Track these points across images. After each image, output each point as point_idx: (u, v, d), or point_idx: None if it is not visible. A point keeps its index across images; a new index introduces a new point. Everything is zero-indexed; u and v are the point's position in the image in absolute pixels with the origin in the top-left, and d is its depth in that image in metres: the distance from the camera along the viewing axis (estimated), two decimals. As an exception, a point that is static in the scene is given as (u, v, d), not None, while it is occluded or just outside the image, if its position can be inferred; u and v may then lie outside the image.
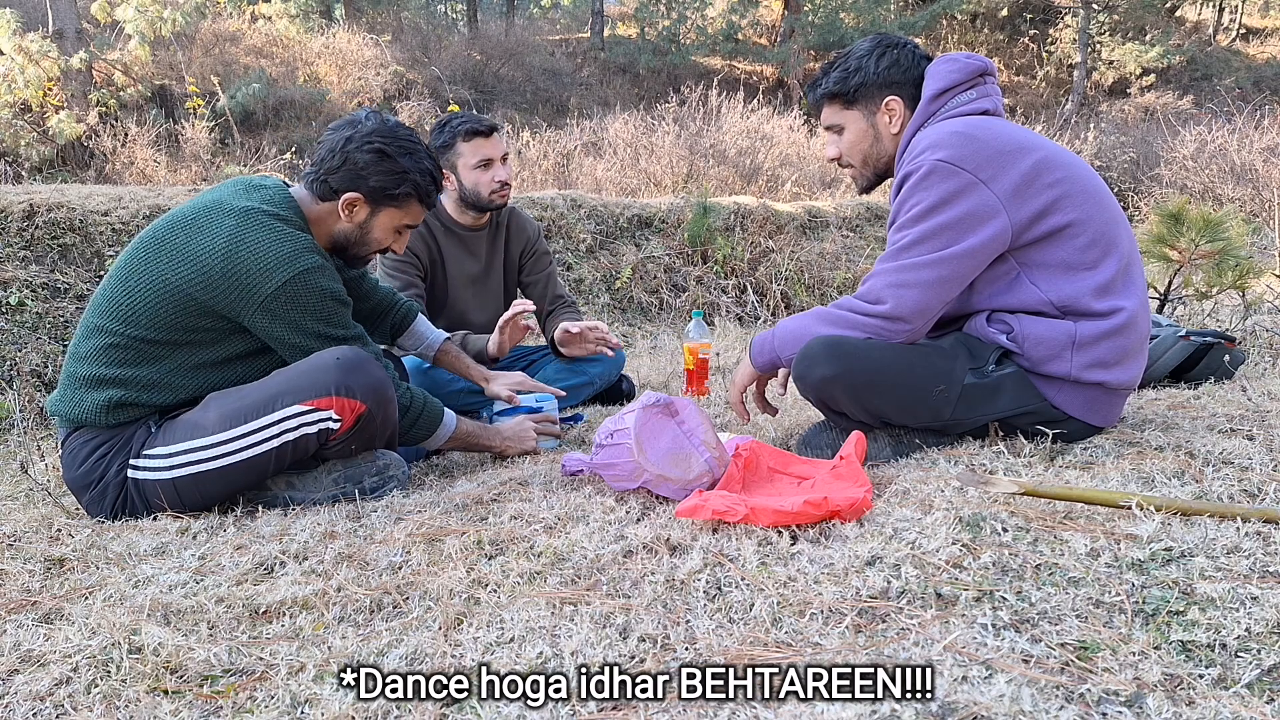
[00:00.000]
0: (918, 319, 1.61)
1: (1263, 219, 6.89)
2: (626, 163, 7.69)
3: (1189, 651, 0.87)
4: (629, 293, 5.23)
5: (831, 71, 1.80)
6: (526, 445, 2.08)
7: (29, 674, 1.01)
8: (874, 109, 1.77)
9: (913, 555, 1.14)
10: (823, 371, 1.63)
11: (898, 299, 1.60)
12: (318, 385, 1.65)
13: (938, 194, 1.57)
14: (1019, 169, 1.57)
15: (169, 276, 1.65)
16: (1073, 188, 1.60)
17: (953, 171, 1.56)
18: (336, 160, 1.77)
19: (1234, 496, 1.31)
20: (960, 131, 1.60)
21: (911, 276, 1.59)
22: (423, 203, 1.86)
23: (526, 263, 2.79)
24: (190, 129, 8.45)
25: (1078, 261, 1.59)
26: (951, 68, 1.71)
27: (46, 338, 3.47)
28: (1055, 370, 1.61)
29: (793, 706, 0.83)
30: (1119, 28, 16.76)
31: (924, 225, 1.58)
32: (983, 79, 1.72)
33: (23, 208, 3.82)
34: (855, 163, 1.83)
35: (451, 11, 21.05)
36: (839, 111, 1.81)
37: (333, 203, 1.80)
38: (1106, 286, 1.59)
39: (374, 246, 1.89)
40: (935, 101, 1.71)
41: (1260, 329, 2.95)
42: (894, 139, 1.78)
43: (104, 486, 1.68)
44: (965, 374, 1.63)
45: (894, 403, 1.64)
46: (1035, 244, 1.60)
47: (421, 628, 1.08)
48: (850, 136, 1.81)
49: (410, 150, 1.80)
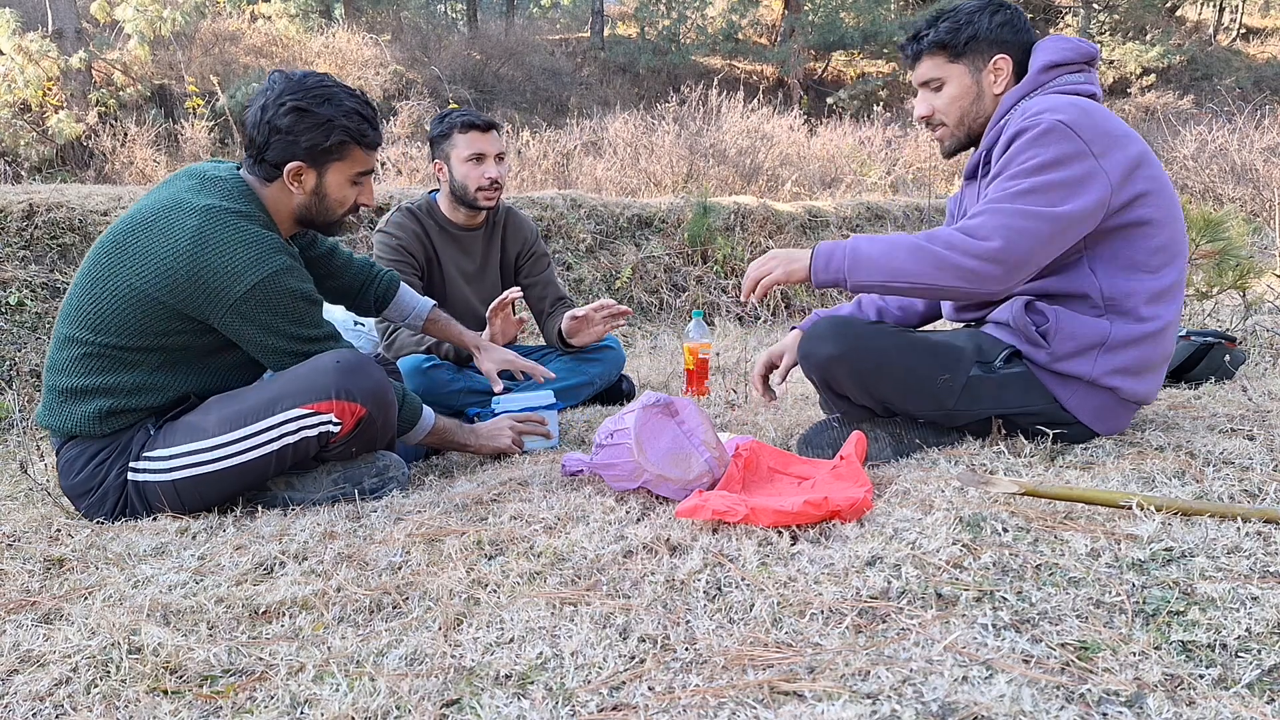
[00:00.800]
0: (1021, 269, 1.54)
1: (1263, 219, 6.89)
2: (626, 162, 7.69)
3: (1189, 651, 0.87)
4: (629, 293, 5.23)
5: (941, 22, 1.73)
6: (500, 444, 2.02)
7: (29, 674, 1.01)
8: (981, 65, 1.71)
9: (913, 555, 1.14)
10: (829, 350, 1.61)
11: (1009, 240, 1.51)
12: (318, 388, 1.65)
13: (1055, 152, 1.53)
14: (1127, 154, 1.56)
15: (134, 282, 1.61)
16: (1162, 188, 1.59)
17: (1070, 135, 1.53)
18: (262, 135, 1.71)
19: (1234, 496, 1.31)
20: (1077, 103, 1.57)
21: (1027, 224, 1.51)
22: (360, 144, 1.77)
23: (524, 264, 2.79)
24: (190, 129, 8.45)
25: (1143, 262, 1.58)
26: (1065, 45, 1.68)
27: (46, 338, 3.46)
28: (1076, 369, 1.59)
29: (793, 706, 0.83)
30: (1119, 27, 16.76)
31: (1040, 178, 1.53)
32: (1090, 65, 1.70)
33: (22, 208, 3.82)
34: (950, 121, 1.76)
35: (451, 11, 21.04)
36: (944, 64, 1.73)
37: (280, 180, 1.75)
38: (1160, 294, 1.59)
39: (338, 208, 1.82)
40: (1046, 73, 1.67)
41: (1261, 329, 2.95)
42: (994, 100, 1.72)
43: (104, 492, 1.67)
44: (972, 366, 1.63)
45: (898, 388, 1.63)
46: (1113, 232, 1.58)
47: (421, 628, 1.08)
48: (952, 91, 1.74)
49: (327, 97, 1.72)
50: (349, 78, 11.33)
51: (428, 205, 2.62)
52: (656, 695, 0.87)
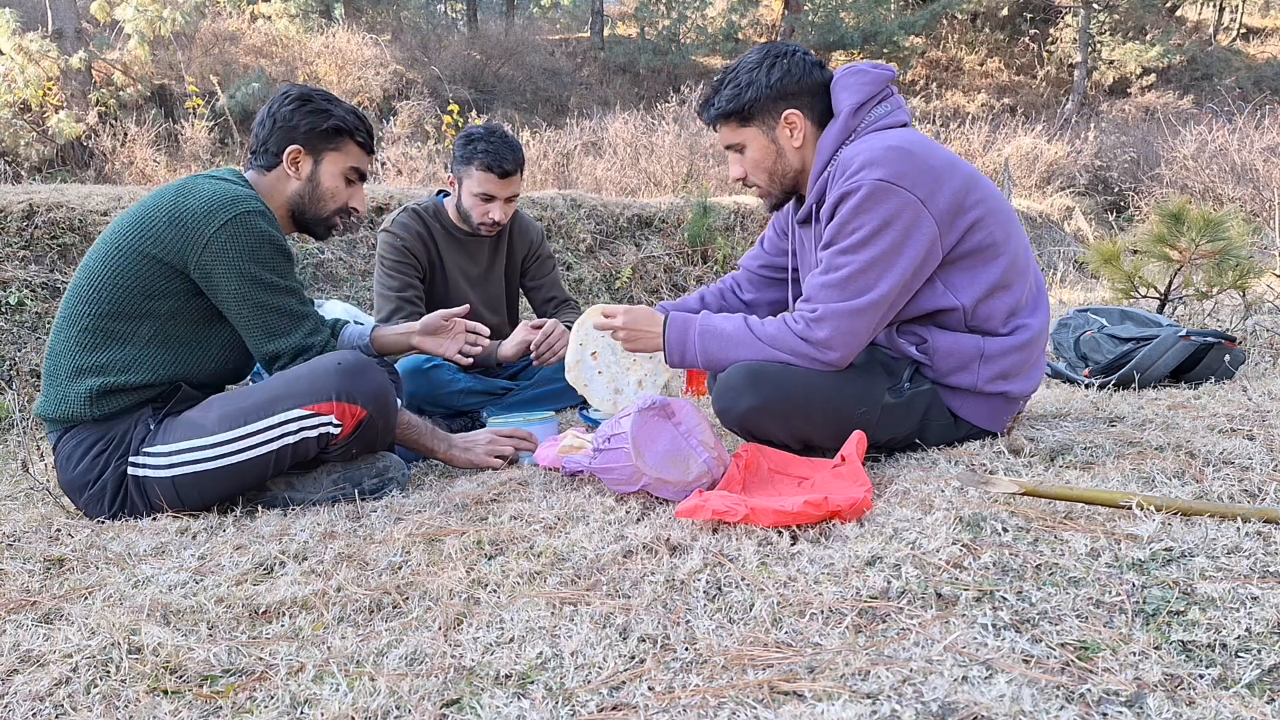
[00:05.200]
0: (850, 359, 1.62)
1: (1263, 219, 6.89)
2: (626, 162, 7.69)
3: (1189, 651, 0.87)
4: (629, 293, 5.23)
5: (723, 89, 1.71)
6: (473, 458, 1.97)
7: (28, 674, 1.01)
8: (773, 124, 1.70)
9: (913, 555, 1.14)
10: (748, 402, 1.60)
11: (848, 345, 1.58)
12: (319, 390, 1.65)
13: (879, 217, 1.53)
14: (951, 187, 1.56)
15: (120, 242, 1.70)
16: (994, 206, 1.61)
17: (892, 190, 1.52)
18: (267, 127, 1.85)
19: (1234, 496, 1.31)
20: (895, 146, 1.55)
21: (859, 322, 1.57)
22: (355, 139, 1.89)
23: (530, 267, 2.79)
24: (190, 129, 8.45)
25: (997, 281, 1.62)
26: (864, 79, 1.66)
27: (46, 337, 3.46)
28: (961, 382, 1.65)
29: (793, 706, 0.83)
30: (1119, 27, 16.76)
31: (868, 253, 1.54)
32: (889, 88, 1.70)
33: (22, 207, 3.82)
34: (761, 182, 1.76)
35: (451, 11, 21.04)
36: (736, 130, 1.72)
37: (279, 167, 1.85)
38: (1017, 309, 1.64)
39: (329, 201, 1.89)
40: (855, 116, 1.65)
41: (1261, 329, 2.95)
42: (798, 152, 1.71)
43: (102, 485, 1.67)
44: (884, 393, 1.65)
45: (820, 427, 1.64)
46: (958, 262, 1.61)
47: (421, 628, 1.08)
48: (753, 154, 1.73)
49: (330, 97, 1.89)
50: (349, 77, 11.34)
51: (434, 208, 2.61)
52: (656, 695, 0.87)
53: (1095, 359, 2.51)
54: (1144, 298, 3.25)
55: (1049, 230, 8.09)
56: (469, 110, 9.94)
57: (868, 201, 1.53)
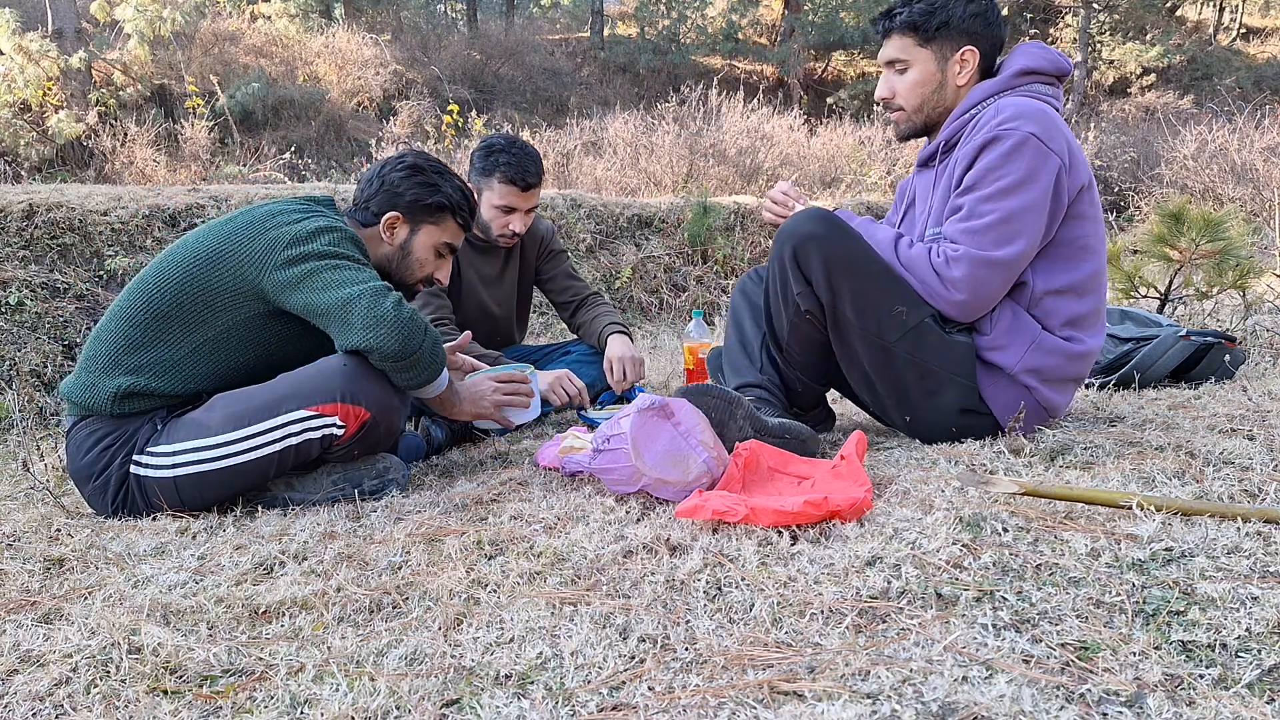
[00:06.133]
0: (980, 311, 1.65)
1: (1263, 219, 6.89)
2: (626, 162, 7.70)
3: (1189, 651, 0.87)
4: (629, 293, 5.23)
5: (915, 2, 1.72)
6: (481, 408, 1.86)
7: (28, 674, 1.01)
8: (949, 54, 1.72)
9: (913, 555, 1.14)
10: (811, 229, 1.66)
11: (975, 293, 1.61)
12: (324, 391, 1.65)
13: (1027, 169, 1.56)
14: (1084, 174, 1.61)
15: (200, 248, 1.70)
16: (1098, 216, 1.67)
17: (1042, 148, 1.56)
18: (374, 186, 1.88)
19: (1234, 496, 1.31)
20: (1047, 112, 1.60)
21: (992, 275, 1.60)
22: (456, 218, 1.91)
23: (544, 264, 2.81)
24: (190, 129, 8.45)
25: (1078, 284, 1.64)
26: (1045, 55, 1.70)
27: (46, 338, 3.47)
28: (1002, 360, 1.65)
29: (793, 706, 0.83)
30: (1119, 27, 16.75)
31: (1012, 203, 1.57)
32: (1060, 81, 1.73)
33: (22, 207, 3.82)
34: (909, 106, 1.77)
35: (451, 11, 21.04)
36: (911, 47, 1.73)
37: (374, 227, 1.88)
38: (1077, 320, 1.65)
39: (416, 270, 1.92)
40: (1019, 78, 1.68)
41: (1261, 329, 2.95)
42: (956, 91, 1.73)
43: (106, 479, 1.68)
44: (928, 317, 1.66)
45: (855, 291, 1.65)
46: (1052, 248, 1.64)
47: (421, 628, 1.08)
48: (915, 76, 1.74)
49: (443, 171, 1.92)
50: (349, 77, 11.35)
51: None
52: (656, 695, 0.87)
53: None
54: (1144, 298, 3.25)
55: (1049, 230, 8.07)
56: (469, 110, 9.94)
57: (1017, 151, 1.56)
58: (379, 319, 1.60)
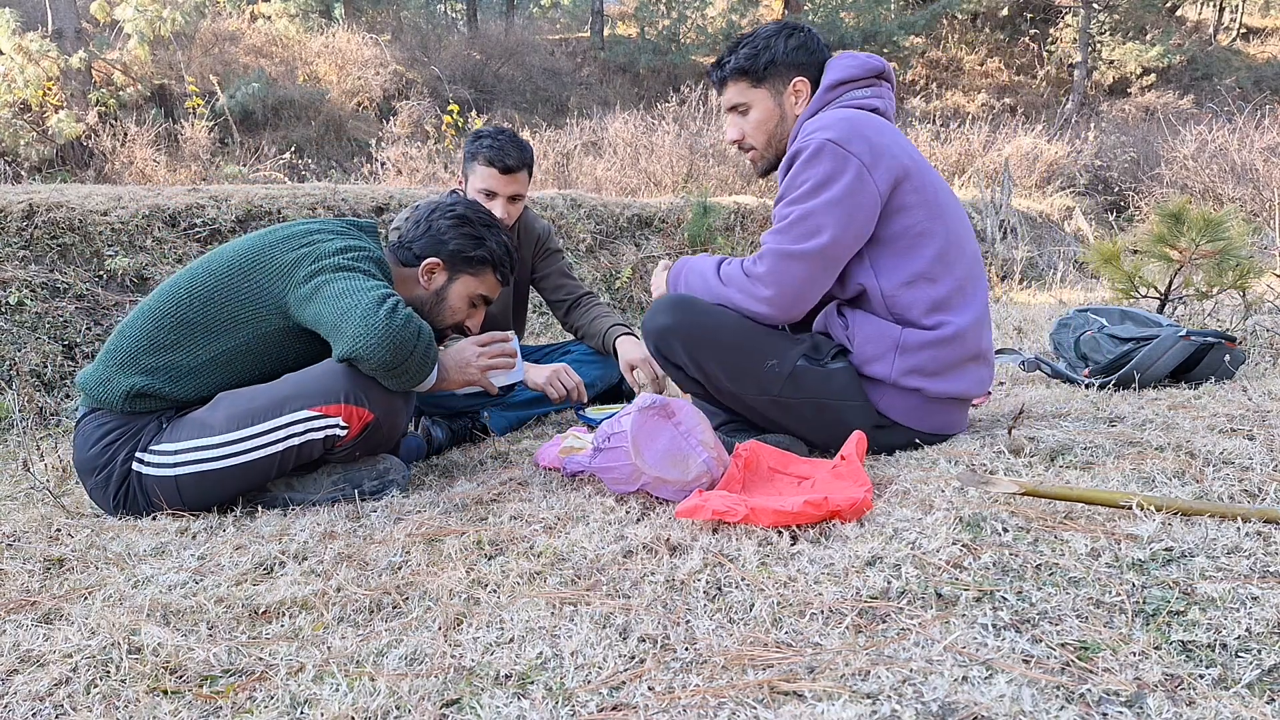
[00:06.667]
0: (795, 307, 1.67)
1: (1263, 219, 6.90)
2: (626, 162, 7.70)
3: (1189, 651, 0.87)
4: (629, 293, 5.23)
5: (740, 49, 1.80)
6: (469, 375, 1.85)
7: (28, 674, 1.01)
8: (782, 88, 1.78)
9: (913, 555, 1.14)
10: (664, 321, 1.70)
11: (781, 287, 1.64)
12: (328, 391, 1.65)
13: (825, 170, 1.61)
14: (893, 167, 1.63)
15: (236, 259, 1.72)
16: (932, 198, 1.66)
17: (838, 151, 1.60)
18: (420, 229, 1.91)
19: (1234, 496, 1.31)
20: (848, 118, 1.65)
21: (795, 267, 1.63)
22: (497, 272, 1.93)
23: (539, 262, 2.80)
24: (190, 128, 8.45)
25: (922, 271, 1.65)
26: (852, 63, 1.75)
27: (46, 338, 3.47)
28: (878, 372, 1.67)
29: (793, 706, 0.83)
30: (1119, 27, 16.75)
31: (812, 203, 1.62)
32: (879, 80, 1.77)
33: (22, 207, 3.81)
34: (759, 144, 1.84)
35: (451, 11, 21.04)
36: (746, 90, 1.80)
37: (414, 269, 1.89)
38: (941, 302, 1.65)
39: (448, 317, 1.93)
40: (831, 91, 1.75)
41: (1261, 329, 2.95)
42: (797, 120, 1.79)
43: (109, 474, 1.68)
44: (799, 358, 1.69)
45: (726, 365, 1.68)
46: (886, 243, 1.65)
47: (421, 628, 1.08)
48: (757, 115, 1.81)
49: (490, 224, 1.93)
50: (349, 77, 11.35)
51: None
52: (656, 695, 0.87)
53: (1095, 359, 2.51)
54: (1144, 298, 3.25)
55: (1049, 230, 8.08)
56: (469, 110, 9.94)
57: (815, 157, 1.62)
58: (369, 329, 1.59)
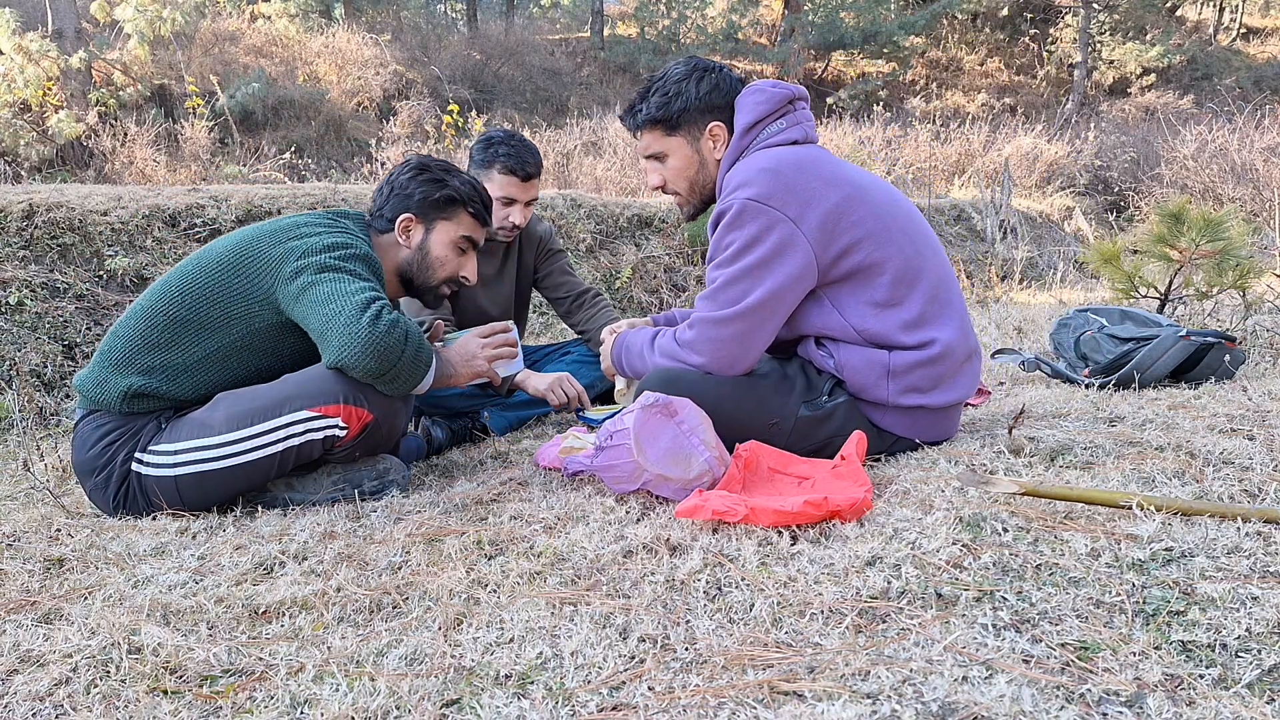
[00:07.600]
0: (739, 364, 1.64)
1: (1263, 219, 6.90)
2: (626, 162, 7.70)
3: (1189, 651, 0.87)
4: (629, 293, 5.23)
5: (650, 97, 1.74)
6: (477, 367, 1.86)
7: (28, 674, 1.01)
8: (698, 134, 1.73)
9: (913, 555, 1.14)
10: None
11: (714, 354, 1.62)
12: (328, 392, 1.65)
13: (749, 233, 1.57)
14: (823, 207, 1.57)
15: (225, 256, 1.72)
16: (875, 226, 1.60)
17: (761, 210, 1.56)
18: (385, 193, 1.91)
19: (1234, 496, 1.31)
20: (767, 168, 1.59)
21: (724, 331, 1.60)
22: (468, 209, 1.91)
23: (541, 263, 2.80)
24: (190, 128, 8.45)
25: (883, 299, 1.61)
26: (759, 99, 1.69)
27: (46, 338, 3.46)
28: (875, 397, 1.64)
29: (793, 706, 0.83)
30: (1119, 27, 16.76)
31: (738, 265, 1.59)
32: (792, 106, 1.71)
33: (22, 207, 3.81)
34: (682, 190, 1.80)
35: (451, 11, 21.04)
36: (662, 138, 1.75)
37: (391, 233, 1.91)
38: (916, 321, 1.61)
39: (438, 269, 1.92)
40: (747, 135, 1.70)
41: (1261, 329, 2.95)
42: (717, 165, 1.75)
43: (109, 475, 1.68)
44: (799, 406, 1.65)
45: (730, 430, 1.63)
46: (839, 282, 1.62)
47: (421, 628, 1.08)
48: (676, 163, 1.77)
49: (449, 168, 1.93)
50: (349, 77, 11.35)
51: None
52: (656, 695, 0.87)
53: (1095, 359, 2.51)
54: (1144, 298, 3.25)
55: (1049, 230, 8.09)
56: (469, 110, 9.94)
57: (737, 219, 1.59)
58: (352, 339, 1.59)
